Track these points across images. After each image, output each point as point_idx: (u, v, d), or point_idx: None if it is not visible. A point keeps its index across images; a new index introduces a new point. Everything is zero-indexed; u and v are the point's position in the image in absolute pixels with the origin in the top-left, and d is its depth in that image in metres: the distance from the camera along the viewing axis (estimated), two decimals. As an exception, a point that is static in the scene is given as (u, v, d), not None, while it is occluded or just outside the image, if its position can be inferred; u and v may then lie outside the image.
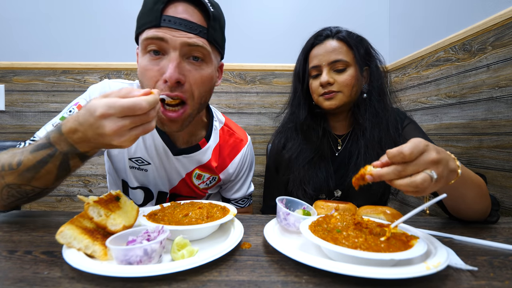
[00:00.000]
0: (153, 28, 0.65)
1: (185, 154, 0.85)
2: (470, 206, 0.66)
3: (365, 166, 0.51)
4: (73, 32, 1.64)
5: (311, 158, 0.94)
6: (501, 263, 0.48)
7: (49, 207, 1.66)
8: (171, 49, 0.65)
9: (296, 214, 0.61)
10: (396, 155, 0.47)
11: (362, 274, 0.38)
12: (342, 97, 0.90)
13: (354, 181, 0.52)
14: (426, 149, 0.48)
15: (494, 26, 0.99)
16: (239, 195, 0.98)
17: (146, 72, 0.68)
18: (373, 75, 0.94)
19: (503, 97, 0.96)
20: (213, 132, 0.90)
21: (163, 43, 0.65)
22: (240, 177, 0.97)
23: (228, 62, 1.68)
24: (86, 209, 0.49)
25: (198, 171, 0.88)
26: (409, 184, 0.46)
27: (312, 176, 0.93)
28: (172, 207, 0.65)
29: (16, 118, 1.63)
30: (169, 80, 0.65)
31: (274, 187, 1.07)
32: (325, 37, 0.93)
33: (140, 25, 0.69)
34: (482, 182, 0.65)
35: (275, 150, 1.04)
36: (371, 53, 0.95)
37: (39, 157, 0.56)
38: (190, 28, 0.65)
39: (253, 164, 1.02)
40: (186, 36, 0.65)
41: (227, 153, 0.92)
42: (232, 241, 0.51)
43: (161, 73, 0.66)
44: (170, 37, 0.64)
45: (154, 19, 0.64)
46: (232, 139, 0.94)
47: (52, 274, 0.43)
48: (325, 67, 0.91)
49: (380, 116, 0.92)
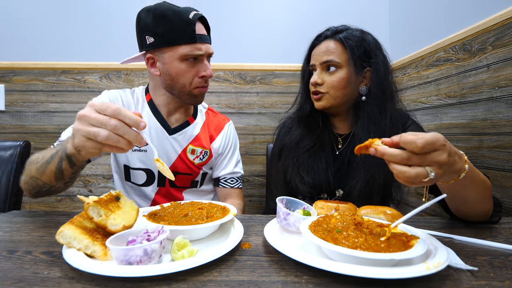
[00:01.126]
0: (190, 44, 0.90)
1: (178, 132, 1.04)
2: (473, 207, 0.65)
3: (374, 138, 0.51)
4: (73, 32, 1.64)
5: (310, 146, 0.95)
6: (501, 263, 0.48)
7: (49, 207, 1.66)
8: (205, 57, 0.95)
9: (296, 214, 0.61)
10: (409, 142, 0.46)
11: (362, 274, 0.38)
12: (329, 98, 0.91)
13: (357, 148, 0.52)
14: (440, 149, 0.47)
15: (494, 26, 0.98)
16: (227, 171, 1.13)
17: (185, 73, 0.93)
18: (375, 77, 0.90)
19: (503, 97, 0.96)
20: (199, 113, 1.12)
21: (200, 54, 0.92)
22: (227, 152, 1.14)
23: (228, 62, 1.68)
24: (86, 209, 0.49)
25: (192, 146, 1.06)
26: (404, 172, 0.47)
27: (312, 165, 0.93)
28: (172, 207, 0.65)
29: (16, 118, 1.63)
30: (208, 76, 0.96)
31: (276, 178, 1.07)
32: (324, 37, 0.93)
33: (171, 40, 0.90)
34: (489, 184, 0.65)
35: (282, 131, 1.07)
36: (374, 54, 0.91)
37: (47, 156, 0.69)
38: (208, 40, 0.96)
39: (237, 143, 1.19)
40: (210, 47, 0.97)
41: (214, 129, 1.12)
42: (232, 241, 0.51)
43: (197, 72, 0.95)
44: (205, 49, 0.94)
45: (191, 38, 0.90)
46: (216, 118, 1.16)
47: (52, 274, 0.43)
48: (318, 67, 0.92)
49: (380, 119, 0.89)
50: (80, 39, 1.65)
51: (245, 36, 1.70)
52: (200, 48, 0.92)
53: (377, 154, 0.49)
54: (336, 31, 0.92)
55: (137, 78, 1.65)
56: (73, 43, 1.65)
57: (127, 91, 1.05)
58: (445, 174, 0.50)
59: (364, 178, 0.87)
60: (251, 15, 1.70)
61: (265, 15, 1.70)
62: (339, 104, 0.92)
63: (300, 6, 1.70)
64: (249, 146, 1.70)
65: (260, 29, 1.70)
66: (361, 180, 0.88)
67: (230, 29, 1.69)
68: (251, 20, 1.70)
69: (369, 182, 0.87)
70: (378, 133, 0.88)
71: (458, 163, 0.51)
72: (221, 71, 1.67)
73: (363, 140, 0.87)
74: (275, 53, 1.70)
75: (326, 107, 0.92)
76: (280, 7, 1.70)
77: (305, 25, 1.68)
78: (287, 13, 1.70)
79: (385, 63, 0.92)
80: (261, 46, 1.70)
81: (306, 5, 1.70)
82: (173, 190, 1.06)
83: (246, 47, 1.70)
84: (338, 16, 1.67)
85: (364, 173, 0.88)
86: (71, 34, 1.64)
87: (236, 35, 1.69)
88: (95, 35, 1.65)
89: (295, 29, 1.69)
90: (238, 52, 1.69)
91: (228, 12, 1.69)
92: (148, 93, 1.05)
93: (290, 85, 1.69)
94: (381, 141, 0.50)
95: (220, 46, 1.72)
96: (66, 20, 1.64)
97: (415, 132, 0.48)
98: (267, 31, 1.70)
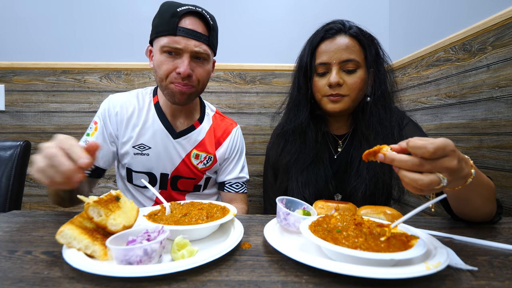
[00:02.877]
0: (170, 35, 0.86)
1: (183, 136, 1.02)
2: (478, 210, 0.65)
3: (382, 145, 0.49)
4: (73, 32, 1.64)
5: (309, 162, 0.91)
6: (501, 263, 0.48)
7: (49, 207, 1.66)
8: (184, 52, 0.88)
9: (296, 214, 0.61)
10: (419, 148, 0.45)
11: (362, 274, 0.38)
12: (348, 101, 0.85)
13: (365, 154, 0.51)
14: (450, 154, 0.46)
15: (494, 26, 0.99)
16: (232, 176, 1.11)
17: (163, 65, 0.89)
18: (379, 77, 0.87)
19: (503, 97, 0.96)
20: (206, 117, 1.09)
21: (177, 48, 0.87)
22: (233, 158, 1.12)
23: (228, 62, 1.68)
24: (86, 209, 0.49)
25: (196, 151, 1.03)
26: (416, 180, 0.45)
27: (312, 181, 0.90)
28: (172, 207, 0.65)
29: (16, 118, 1.63)
30: (182, 74, 0.87)
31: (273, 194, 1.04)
32: (337, 31, 0.85)
33: (157, 31, 0.89)
34: (493, 186, 0.64)
35: (274, 155, 1.00)
36: (380, 54, 0.89)
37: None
38: (196, 36, 0.88)
39: (243, 148, 1.17)
40: (194, 43, 0.87)
41: (221, 134, 1.09)
42: (232, 241, 0.51)
43: (174, 68, 0.88)
44: (184, 44, 0.86)
45: (171, 29, 0.85)
46: (224, 122, 1.13)
47: (52, 274, 0.43)
48: (335, 66, 0.83)
49: (384, 121, 0.87)
50: (80, 39, 1.65)
51: (245, 36, 1.70)
52: (178, 41, 0.86)
53: (386, 160, 0.48)
54: (349, 26, 0.86)
55: (137, 78, 1.65)
56: (73, 43, 1.65)
57: (132, 95, 1.03)
58: (453, 180, 0.49)
59: (368, 178, 0.85)
60: (251, 15, 1.70)
61: (265, 15, 1.70)
62: (354, 106, 0.88)
63: (300, 6, 1.70)
64: (249, 146, 1.69)
65: (260, 29, 1.70)
66: (365, 181, 0.85)
67: (230, 29, 1.69)
68: (251, 20, 1.70)
69: (372, 184, 0.85)
70: (384, 134, 0.86)
71: (465, 168, 0.50)
72: (221, 71, 1.67)
73: (370, 141, 0.87)
74: (275, 53, 1.70)
75: (343, 110, 0.86)
76: (280, 7, 1.70)
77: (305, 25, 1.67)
78: (287, 13, 1.70)
79: (387, 63, 0.91)
80: (261, 46, 1.70)
81: (306, 5, 1.70)
82: (175, 193, 1.06)
83: (246, 47, 1.70)
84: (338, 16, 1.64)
85: (367, 174, 0.86)
86: (71, 34, 1.64)
87: (236, 35, 1.69)
88: (95, 35, 1.65)
89: (295, 29, 1.69)
90: (238, 52, 1.69)
91: (228, 12, 1.69)
92: (156, 94, 1.04)
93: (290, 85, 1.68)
94: (390, 147, 0.49)
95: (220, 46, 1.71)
96: (66, 20, 1.64)
97: (423, 137, 0.47)
98: (267, 31, 1.70)
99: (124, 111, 0.99)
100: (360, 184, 0.86)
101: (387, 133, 0.87)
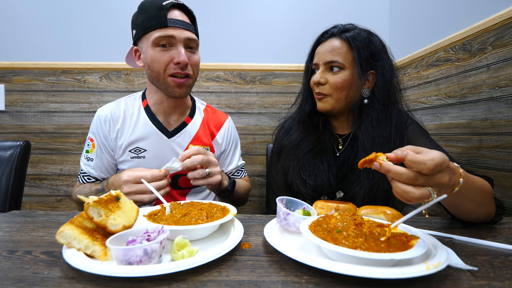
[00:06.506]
0: (161, 28, 0.88)
1: (177, 134, 1.03)
2: (468, 212, 0.66)
3: (378, 153, 0.50)
4: (73, 32, 1.64)
5: (311, 148, 0.94)
6: (501, 263, 0.48)
7: (49, 207, 1.66)
8: (178, 42, 0.90)
9: (296, 214, 0.61)
10: (418, 163, 0.45)
11: (362, 274, 0.38)
12: (331, 100, 0.89)
13: (361, 162, 0.51)
14: (445, 170, 0.47)
15: (494, 26, 0.98)
16: (232, 167, 1.16)
17: (159, 59, 0.90)
18: (379, 80, 0.88)
19: (503, 97, 0.96)
20: (197, 111, 1.11)
21: (172, 39, 0.89)
22: (230, 149, 1.16)
23: (228, 62, 1.68)
24: (86, 209, 0.49)
25: (192, 146, 1.04)
26: (408, 193, 0.46)
27: (313, 167, 0.92)
28: (172, 207, 0.65)
29: (16, 118, 1.63)
30: (182, 62, 0.90)
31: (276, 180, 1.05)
32: (330, 35, 0.91)
33: (145, 28, 0.90)
34: (488, 190, 0.64)
35: (281, 132, 1.05)
36: (380, 57, 0.89)
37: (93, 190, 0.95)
38: (186, 26, 0.92)
39: (238, 138, 1.21)
40: (186, 32, 0.91)
41: (214, 125, 1.12)
42: (232, 241, 0.51)
43: (171, 59, 0.90)
44: (178, 34, 0.89)
45: (162, 22, 0.88)
46: (215, 115, 1.15)
47: (52, 274, 0.43)
48: (321, 66, 0.90)
49: (385, 124, 0.87)
50: (80, 39, 1.65)
51: (245, 36, 1.70)
52: (171, 32, 0.88)
53: (381, 170, 0.48)
54: (344, 29, 0.90)
55: (137, 78, 1.65)
56: (73, 43, 1.65)
57: (119, 102, 1.04)
58: (442, 191, 0.50)
59: (368, 184, 0.86)
60: (251, 15, 1.70)
61: (265, 15, 1.70)
62: (341, 106, 0.90)
63: (300, 6, 1.70)
64: (249, 146, 1.70)
65: (260, 29, 1.70)
66: (364, 187, 0.86)
67: (230, 29, 1.69)
68: (251, 20, 1.70)
69: (373, 188, 0.85)
70: (383, 138, 0.87)
71: (452, 179, 0.51)
72: (221, 71, 1.67)
73: (366, 145, 0.87)
74: (275, 53, 1.70)
75: (329, 110, 0.91)
76: (280, 7, 1.70)
77: (305, 25, 1.68)
78: (287, 13, 1.70)
79: (391, 67, 0.90)
80: (261, 46, 1.70)
81: (306, 5, 1.70)
82: (175, 192, 1.05)
83: (246, 47, 1.70)
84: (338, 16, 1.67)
85: (368, 179, 0.86)
86: (71, 34, 1.64)
87: (236, 35, 1.69)
88: (95, 35, 1.65)
89: (295, 29, 1.69)
90: (238, 52, 1.69)
91: (228, 12, 1.69)
92: (145, 98, 1.05)
93: (290, 85, 1.69)
94: (386, 156, 0.49)
95: (220, 46, 1.73)
96: (66, 20, 1.64)
97: (421, 148, 0.47)
98: (267, 31, 1.70)
99: (115, 117, 1.01)
100: (360, 189, 0.87)
101: (385, 134, 0.86)
